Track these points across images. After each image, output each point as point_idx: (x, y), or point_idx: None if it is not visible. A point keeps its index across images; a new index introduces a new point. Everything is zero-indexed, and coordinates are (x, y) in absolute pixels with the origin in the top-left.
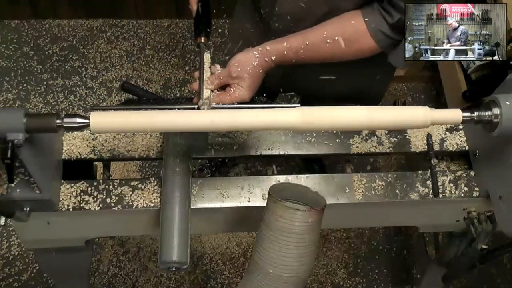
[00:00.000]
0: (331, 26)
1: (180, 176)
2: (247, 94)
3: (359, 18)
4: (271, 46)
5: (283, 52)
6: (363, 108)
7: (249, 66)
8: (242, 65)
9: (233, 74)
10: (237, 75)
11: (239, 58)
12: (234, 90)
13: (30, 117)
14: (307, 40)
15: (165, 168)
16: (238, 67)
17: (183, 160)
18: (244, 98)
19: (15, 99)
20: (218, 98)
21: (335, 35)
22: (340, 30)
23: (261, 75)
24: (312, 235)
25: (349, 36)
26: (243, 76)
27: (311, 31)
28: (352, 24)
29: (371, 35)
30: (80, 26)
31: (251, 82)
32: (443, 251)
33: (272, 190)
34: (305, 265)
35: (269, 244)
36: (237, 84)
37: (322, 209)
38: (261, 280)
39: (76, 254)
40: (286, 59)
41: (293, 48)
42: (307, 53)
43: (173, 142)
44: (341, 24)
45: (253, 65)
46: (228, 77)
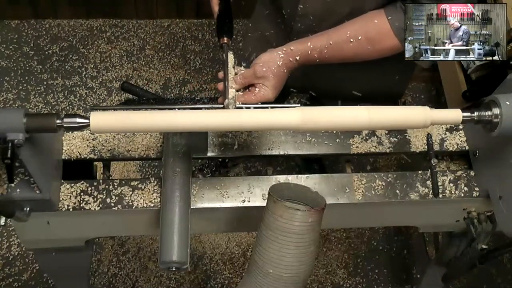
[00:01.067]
0: (354, 26)
1: (180, 176)
2: (272, 93)
3: (382, 17)
4: (295, 46)
5: (307, 52)
6: (363, 108)
7: (274, 66)
8: (267, 65)
9: (258, 74)
10: (262, 75)
11: (264, 58)
12: (259, 90)
13: (30, 117)
14: (331, 40)
15: (165, 168)
16: (263, 67)
17: (183, 160)
18: (269, 98)
19: (15, 99)
20: (243, 98)
21: (359, 35)
22: (363, 29)
23: (285, 75)
24: (312, 235)
25: (373, 35)
26: (268, 76)
27: (334, 31)
28: (375, 23)
29: (394, 34)
30: (80, 26)
31: (276, 82)
32: (443, 251)
33: (272, 190)
34: (305, 265)
35: (269, 244)
36: (262, 84)
37: (322, 209)
38: (261, 280)
39: (76, 254)
40: (310, 59)
41: (317, 48)
42: (330, 53)
43: (173, 142)
44: (365, 23)
45: (278, 65)
46: (253, 76)
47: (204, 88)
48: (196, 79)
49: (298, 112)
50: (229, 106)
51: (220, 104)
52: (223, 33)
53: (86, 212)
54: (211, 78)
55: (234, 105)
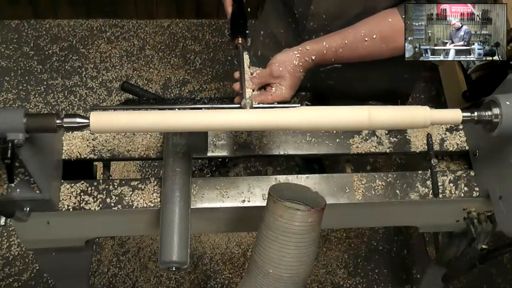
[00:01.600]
0: (368, 25)
1: (180, 176)
2: (288, 93)
3: (396, 16)
4: (310, 46)
5: (323, 52)
6: (363, 108)
7: (290, 66)
8: (283, 65)
9: (274, 74)
10: (279, 75)
11: (280, 57)
12: (276, 89)
13: (30, 117)
14: (346, 39)
15: (165, 168)
16: (279, 67)
17: (183, 160)
18: (286, 98)
19: (15, 99)
20: (260, 98)
21: (373, 33)
22: (378, 28)
23: (301, 74)
24: (312, 235)
25: (387, 34)
26: (285, 76)
27: (349, 30)
28: (389, 22)
29: None
30: (80, 26)
31: (292, 82)
32: (443, 251)
33: (272, 190)
34: (305, 265)
35: (269, 244)
36: (279, 83)
37: (322, 209)
38: (261, 280)
39: (76, 254)
40: (326, 58)
41: (332, 47)
42: (345, 52)
43: (173, 142)
44: (378, 22)
45: (294, 65)
46: (269, 76)
47: (204, 88)
48: (196, 79)
49: (298, 112)
50: (247, 106)
51: (237, 103)
52: (238, 34)
53: (86, 212)
54: (211, 78)
55: (251, 105)
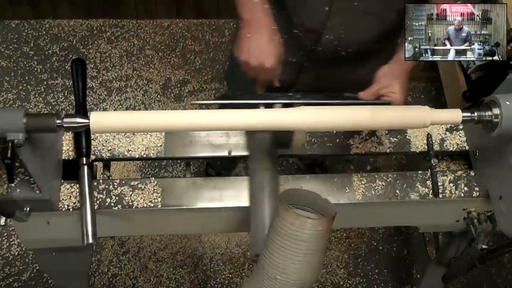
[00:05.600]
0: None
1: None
2: (401, 98)
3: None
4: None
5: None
6: (363, 108)
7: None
8: (391, 74)
9: (384, 84)
10: (388, 84)
11: (385, 70)
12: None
13: (30, 117)
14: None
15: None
16: (387, 78)
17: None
18: (401, 102)
19: (15, 99)
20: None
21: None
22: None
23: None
24: (321, 243)
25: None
26: (393, 84)
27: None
28: None
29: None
30: (80, 26)
31: (401, 87)
32: (443, 251)
33: (283, 196)
34: (312, 272)
35: (277, 250)
36: (390, 91)
37: (333, 218)
38: (267, 285)
39: (76, 254)
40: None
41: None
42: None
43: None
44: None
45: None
46: (381, 88)
47: (204, 88)
48: (196, 79)
49: (298, 112)
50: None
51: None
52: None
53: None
54: (211, 78)
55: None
